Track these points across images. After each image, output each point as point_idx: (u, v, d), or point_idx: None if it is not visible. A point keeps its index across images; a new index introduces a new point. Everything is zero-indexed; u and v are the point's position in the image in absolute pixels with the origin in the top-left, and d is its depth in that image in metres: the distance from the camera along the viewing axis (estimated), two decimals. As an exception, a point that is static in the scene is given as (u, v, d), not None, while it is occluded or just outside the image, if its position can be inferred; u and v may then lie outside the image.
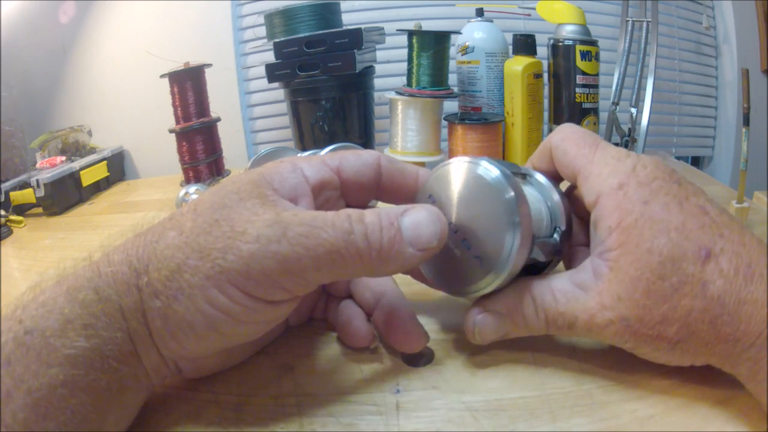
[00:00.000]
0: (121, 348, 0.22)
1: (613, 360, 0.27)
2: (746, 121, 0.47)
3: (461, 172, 0.26)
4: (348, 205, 0.29)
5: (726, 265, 0.22)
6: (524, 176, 0.31)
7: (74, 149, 0.81)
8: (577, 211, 0.31)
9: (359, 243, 0.23)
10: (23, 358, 0.20)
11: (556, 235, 0.29)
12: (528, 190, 0.29)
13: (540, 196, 0.30)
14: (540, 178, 0.31)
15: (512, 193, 0.25)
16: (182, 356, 0.25)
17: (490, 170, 0.25)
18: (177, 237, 0.23)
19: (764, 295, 0.21)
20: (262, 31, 0.75)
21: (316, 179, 0.27)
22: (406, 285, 0.31)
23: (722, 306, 0.22)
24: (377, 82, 0.73)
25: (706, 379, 0.25)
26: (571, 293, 0.25)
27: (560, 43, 0.66)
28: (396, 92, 0.65)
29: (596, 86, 0.66)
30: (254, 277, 0.22)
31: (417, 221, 0.24)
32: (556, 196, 0.30)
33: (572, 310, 0.25)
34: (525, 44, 0.64)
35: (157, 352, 0.23)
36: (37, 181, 0.65)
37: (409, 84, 0.65)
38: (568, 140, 0.29)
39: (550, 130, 0.67)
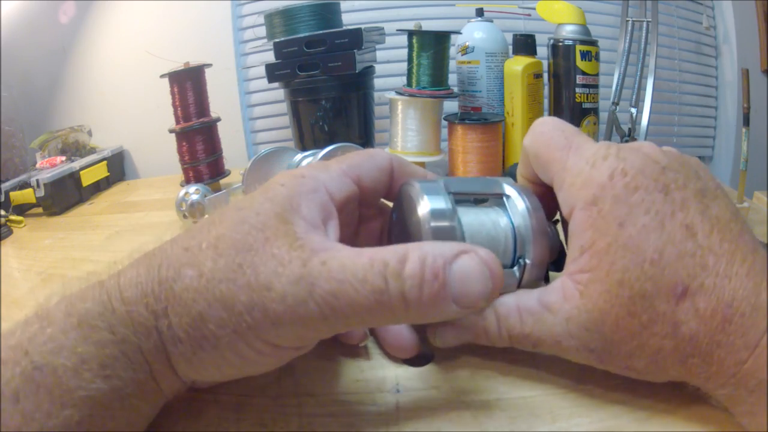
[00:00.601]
0: (144, 387, 0.21)
1: (613, 360, 0.27)
2: (746, 121, 0.47)
3: (404, 191, 0.27)
4: (361, 208, 0.29)
5: (703, 305, 0.20)
6: (499, 198, 0.28)
7: (74, 149, 0.81)
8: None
9: (394, 302, 0.20)
10: (33, 396, 0.19)
11: (516, 268, 0.27)
12: (483, 215, 0.27)
13: (505, 223, 0.27)
14: (519, 203, 0.27)
15: (424, 212, 0.25)
16: (204, 381, 0.25)
17: (420, 188, 0.26)
18: (196, 279, 0.21)
19: (741, 339, 0.20)
20: (262, 31, 0.75)
21: (342, 197, 0.25)
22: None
23: (694, 347, 0.21)
24: (377, 82, 0.73)
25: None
26: (539, 314, 0.24)
27: (560, 43, 0.66)
28: (396, 92, 0.65)
29: (596, 86, 0.66)
30: (282, 334, 0.21)
31: (467, 274, 0.21)
32: (531, 223, 0.26)
33: (538, 332, 0.24)
34: (525, 44, 0.64)
35: (178, 379, 0.23)
36: (37, 181, 0.65)
37: (409, 84, 0.65)
38: (538, 142, 0.26)
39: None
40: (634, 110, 0.69)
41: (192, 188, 0.55)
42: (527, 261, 0.27)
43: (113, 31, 0.86)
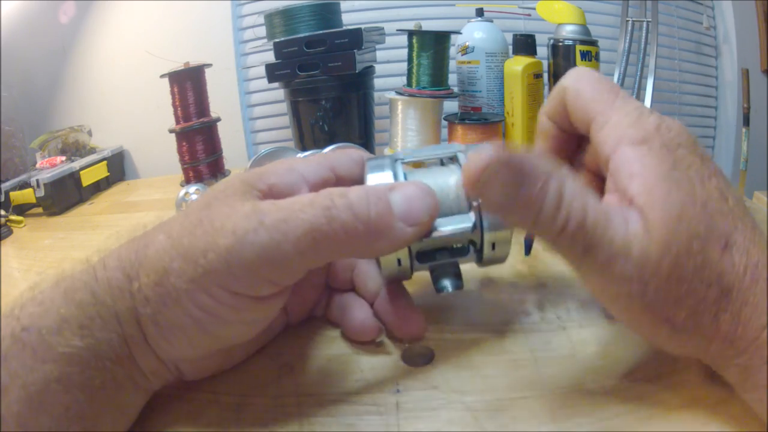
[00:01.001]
0: (116, 350, 0.22)
1: (614, 360, 0.27)
2: (746, 121, 0.47)
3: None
4: None
5: (737, 260, 0.20)
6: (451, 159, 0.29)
7: (74, 149, 0.81)
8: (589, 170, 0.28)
9: (343, 216, 0.21)
10: (19, 354, 0.20)
11: (471, 212, 0.26)
12: (431, 176, 0.27)
13: (455, 178, 0.27)
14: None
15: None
16: (180, 358, 0.25)
17: (368, 166, 0.27)
18: (165, 240, 0.23)
19: (764, 301, 0.20)
20: (262, 31, 0.75)
21: (315, 178, 0.27)
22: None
23: (729, 302, 0.21)
24: (377, 82, 0.73)
25: (706, 380, 0.25)
26: (603, 221, 0.21)
27: (560, 43, 0.65)
28: (396, 92, 0.65)
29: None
30: (235, 273, 0.21)
31: (407, 195, 0.23)
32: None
33: (601, 233, 0.20)
34: (525, 44, 0.64)
35: (154, 355, 0.23)
36: (37, 181, 0.65)
37: (409, 84, 0.65)
38: (583, 81, 0.25)
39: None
40: (634, 110, 0.69)
41: (192, 188, 0.55)
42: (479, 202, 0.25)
43: (113, 31, 0.86)
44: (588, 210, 0.21)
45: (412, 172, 0.28)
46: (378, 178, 0.26)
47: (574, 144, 0.28)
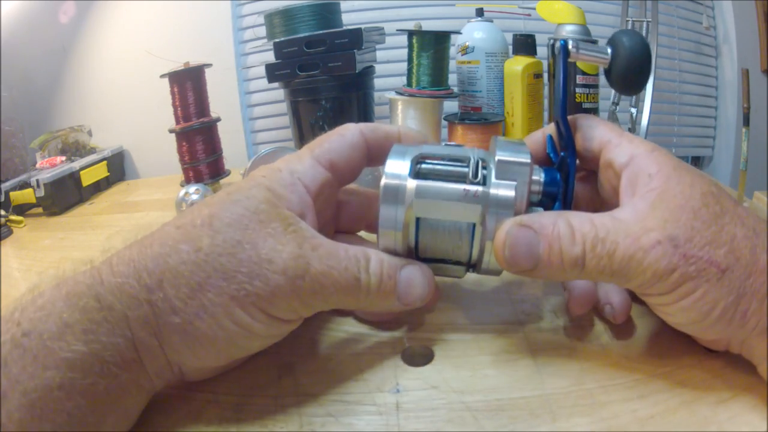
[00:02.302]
0: (123, 354, 0.22)
1: (614, 360, 0.27)
2: (746, 121, 0.47)
3: None
4: (340, 195, 0.32)
5: (745, 214, 0.24)
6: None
7: (74, 149, 0.81)
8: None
9: (362, 290, 0.26)
10: (19, 360, 0.20)
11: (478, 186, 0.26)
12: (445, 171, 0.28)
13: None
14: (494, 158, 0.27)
15: (384, 170, 0.27)
16: (191, 364, 0.25)
17: (392, 151, 0.28)
18: (194, 254, 0.23)
19: None
20: (262, 31, 0.75)
21: (316, 186, 0.28)
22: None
23: (756, 236, 0.23)
24: (377, 82, 0.73)
25: (707, 380, 0.25)
26: (611, 223, 0.24)
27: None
28: (396, 92, 0.65)
29: (596, 86, 0.66)
30: (277, 303, 0.24)
31: (411, 280, 0.27)
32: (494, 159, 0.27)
33: (614, 235, 0.23)
34: (525, 44, 0.64)
35: (164, 358, 0.23)
36: (37, 181, 0.65)
37: (409, 84, 0.65)
38: (595, 120, 0.31)
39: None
40: (634, 110, 0.69)
41: (192, 188, 0.55)
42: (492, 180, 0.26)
43: (113, 31, 0.86)
44: (596, 224, 0.24)
45: (427, 188, 0.27)
46: (395, 165, 0.27)
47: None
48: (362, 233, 0.35)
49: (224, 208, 0.25)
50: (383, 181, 0.27)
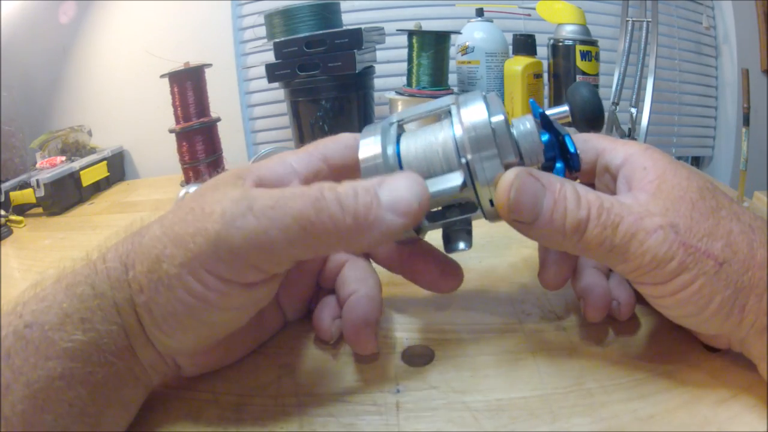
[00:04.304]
0: (117, 342, 0.22)
1: (614, 360, 0.27)
2: (746, 121, 0.47)
3: None
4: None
5: (742, 212, 0.24)
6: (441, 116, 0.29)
7: (74, 149, 0.81)
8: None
9: (331, 208, 0.22)
10: (22, 351, 0.20)
11: (459, 172, 0.25)
12: (422, 137, 0.27)
13: (443, 136, 0.26)
14: (469, 112, 0.26)
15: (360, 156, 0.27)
16: (178, 351, 0.25)
17: (362, 132, 0.28)
18: (158, 229, 0.23)
19: None
20: (262, 31, 0.75)
21: (307, 170, 0.27)
22: (402, 285, 0.31)
23: (753, 233, 0.23)
24: (377, 82, 0.73)
25: (707, 380, 0.25)
26: (615, 200, 0.24)
27: (560, 43, 0.66)
28: (396, 92, 0.65)
29: (596, 86, 0.66)
30: (223, 257, 0.21)
31: (394, 186, 0.23)
32: (472, 125, 0.25)
33: (618, 209, 0.23)
34: (525, 44, 0.65)
35: (152, 347, 0.23)
36: (37, 181, 0.65)
37: (409, 84, 0.65)
38: (586, 134, 0.31)
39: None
40: (634, 110, 0.69)
41: (192, 188, 0.55)
42: (468, 157, 0.25)
43: (113, 31, 0.86)
44: (603, 196, 0.24)
45: (405, 133, 0.28)
46: (367, 143, 0.27)
47: None
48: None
49: (197, 189, 0.25)
50: (362, 164, 0.26)
